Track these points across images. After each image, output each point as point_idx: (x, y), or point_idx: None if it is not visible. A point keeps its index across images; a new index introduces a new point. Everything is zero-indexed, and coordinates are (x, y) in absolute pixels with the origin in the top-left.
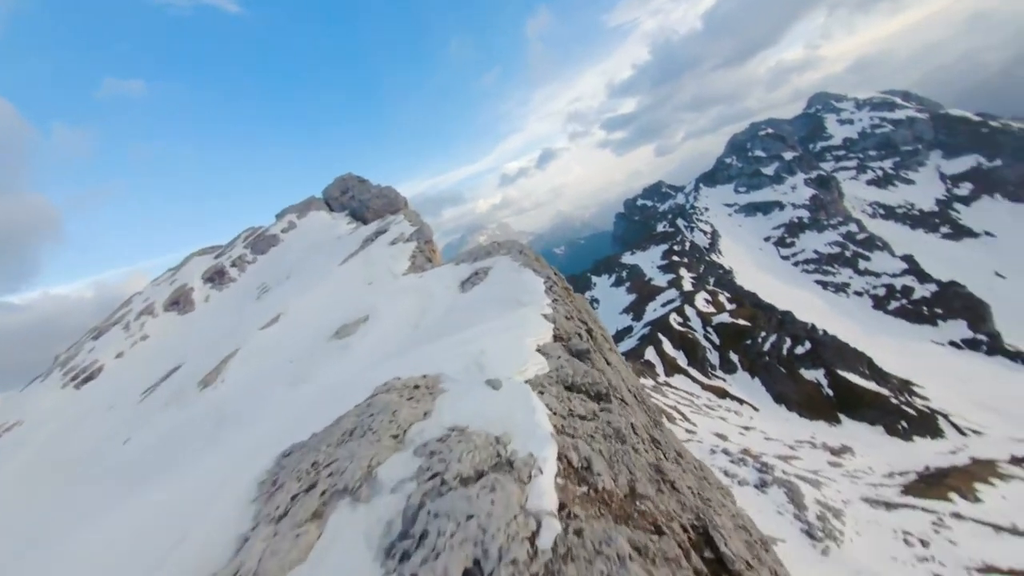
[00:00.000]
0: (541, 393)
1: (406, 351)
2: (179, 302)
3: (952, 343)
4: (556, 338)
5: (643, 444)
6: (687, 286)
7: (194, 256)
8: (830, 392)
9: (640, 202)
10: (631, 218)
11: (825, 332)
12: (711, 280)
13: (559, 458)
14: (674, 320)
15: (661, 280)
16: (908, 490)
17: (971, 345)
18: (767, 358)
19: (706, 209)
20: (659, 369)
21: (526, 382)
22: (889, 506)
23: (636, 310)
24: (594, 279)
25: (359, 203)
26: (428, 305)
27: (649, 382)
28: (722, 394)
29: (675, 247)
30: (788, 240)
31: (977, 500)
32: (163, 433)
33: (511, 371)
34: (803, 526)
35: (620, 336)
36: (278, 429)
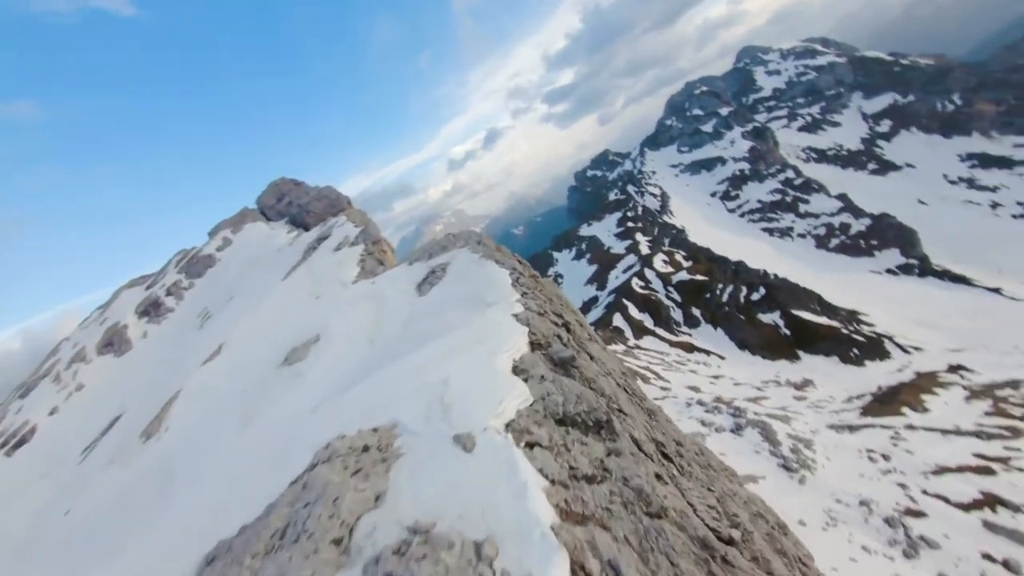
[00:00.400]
0: (530, 447)
1: (361, 378)
2: (113, 343)
3: (888, 270)
4: (534, 346)
5: (654, 458)
6: (644, 250)
7: (124, 290)
8: (787, 332)
9: (590, 173)
10: (583, 190)
11: (776, 276)
12: (666, 241)
13: (573, 573)
14: (636, 284)
15: (619, 247)
16: (866, 411)
17: (905, 270)
18: (726, 308)
19: (653, 173)
20: (628, 334)
21: (507, 427)
22: (852, 429)
23: (599, 280)
24: (555, 255)
25: (298, 208)
26: (384, 315)
27: (620, 347)
28: (689, 348)
29: (628, 213)
30: (732, 193)
31: (925, 410)
32: (106, 499)
33: (485, 415)
34: (779, 461)
35: (587, 307)
36: (216, 500)
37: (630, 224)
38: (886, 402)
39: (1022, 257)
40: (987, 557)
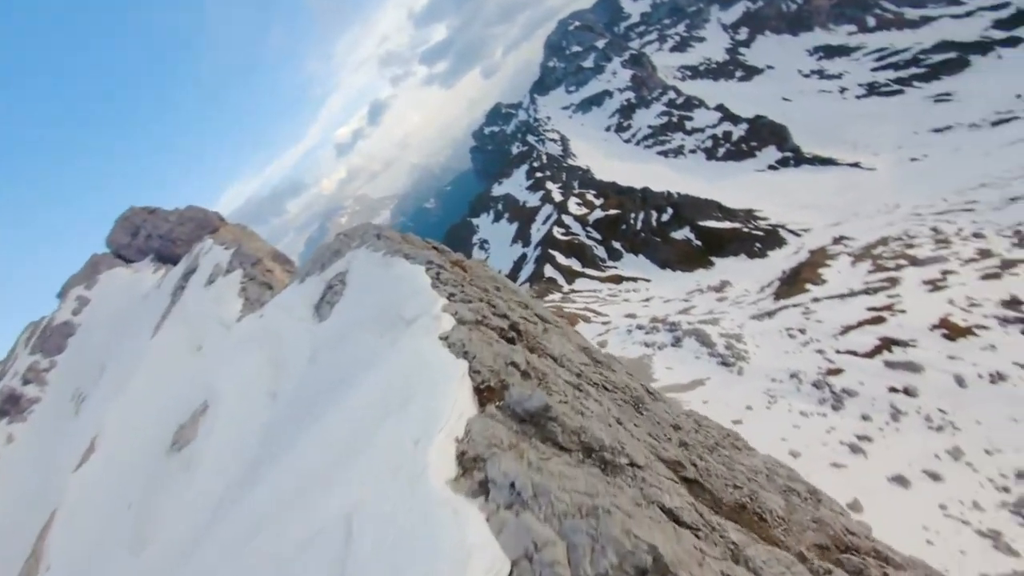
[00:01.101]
0: None
1: (266, 459)
2: None
3: (770, 166)
4: (482, 394)
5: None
6: (557, 197)
7: None
8: (698, 243)
9: (487, 130)
10: (484, 149)
11: (679, 194)
12: (575, 184)
13: None
14: (557, 233)
15: (534, 200)
16: (778, 295)
17: (783, 163)
18: (642, 235)
19: (548, 118)
20: (561, 281)
21: None
22: (769, 314)
23: (523, 236)
24: (475, 222)
25: (161, 240)
26: (282, 355)
27: (557, 295)
28: (618, 280)
29: (534, 164)
30: (624, 124)
31: (823, 282)
32: None
33: None
34: (718, 360)
35: (518, 265)
36: None
37: (538, 175)
38: (791, 283)
39: (868, 131)
40: (892, 390)
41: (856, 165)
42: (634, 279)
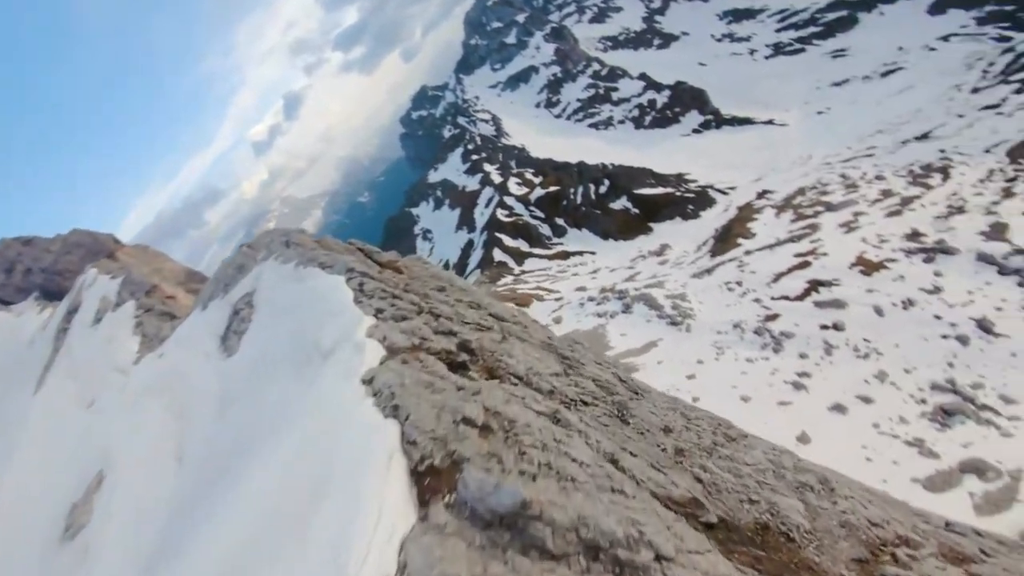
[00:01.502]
0: None
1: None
2: None
3: (694, 130)
4: (425, 486)
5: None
6: (496, 179)
7: None
8: (636, 211)
9: (415, 115)
10: (415, 134)
11: (613, 165)
12: (513, 164)
13: None
14: (501, 215)
15: (473, 184)
16: (714, 252)
17: (705, 126)
18: (583, 208)
19: (477, 98)
20: (511, 264)
21: None
22: (708, 271)
23: (467, 222)
24: (415, 212)
25: (44, 274)
26: (187, 404)
27: (509, 279)
28: (565, 256)
29: (469, 147)
30: (553, 99)
31: (752, 235)
32: None
33: None
34: (667, 320)
35: (466, 253)
36: None
37: (474, 157)
38: (724, 240)
39: (778, 89)
40: (823, 327)
41: (770, 122)
42: (580, 253)
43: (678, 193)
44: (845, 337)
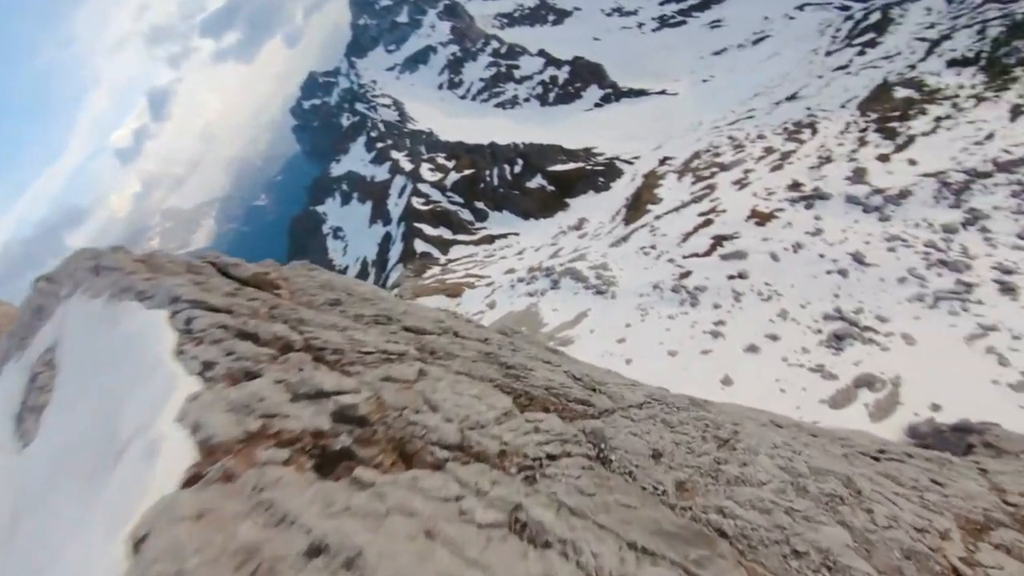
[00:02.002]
0: None
1: None
2: None
3: (595, 104)
4: None
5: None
6: (407, 166)
7: None
8: (552, 188)
9: (307, 104)
10: (310, 126)
11: (525, 144)
12: (422, 149)
13: None
14: (417, 204)
15: (382, 174)
16: (627, 221)
17: (605, 100)
18: (501, 190)
19: (374, 83)
20: (436, 254)
21: None
22: (624, 239)
23: (381, 215)
24: (320, 210)
25: None
26: None
27: (436, 270)
28: (490, 240)
29: (372, 134)
30: (456, 80)
31: (659, 200)
32: None
33: None
34: (593, 290)
35: (385, 247)
36: None
37: (379, 145)
38: (635, 208)
39: (666, 60)
40: (730, 277)
41: (663, 92)
42: (504, 235)
43: (588, 167)
44: (749, 284)
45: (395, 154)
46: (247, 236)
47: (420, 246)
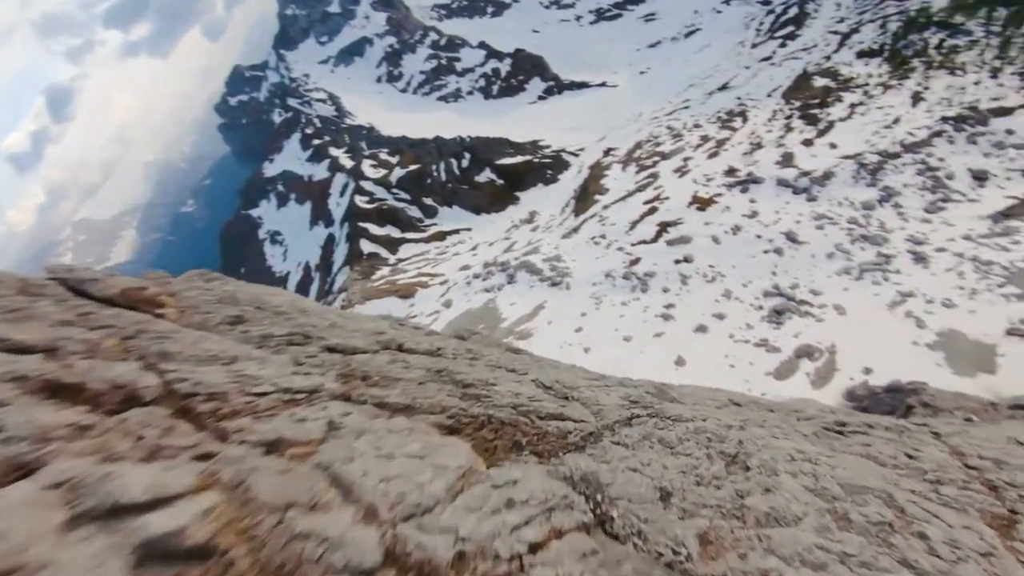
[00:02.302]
0: None
1: None
2: None
3: (539, 97)
4: None
5: None
6: (347, 163)
7: None
8: (501, 181)
9: (233, 100)
10: (237, 124)
11: (471, 137)
12: (363, 145)
13: None
14: (361, 202)
15: (320, 172)
16: (576, 212)
17: (548, 92)
18: (449, 185)
19: (307, 76)
20: (384, 254)
21: None
22: (575, 230)
23: (322, 215)
24: (255, 214)
25: None
26: None
27: (385, 271)
28: (442, 237)
29: (307, 131)
30: (395, 72)
31: (606, 191)
32: None
33: None
34: (548, 282)
35: (329, 249)
36: None
37: (316, 142)
38: (583, 199)
39: (605, 52)
40: (676, 262)
41: (604, 84)
42: (456, 231)
43: (536, 160)
44: (695, 267)
45: (334, 151)
46: (174, 246)
47: (367, 247)
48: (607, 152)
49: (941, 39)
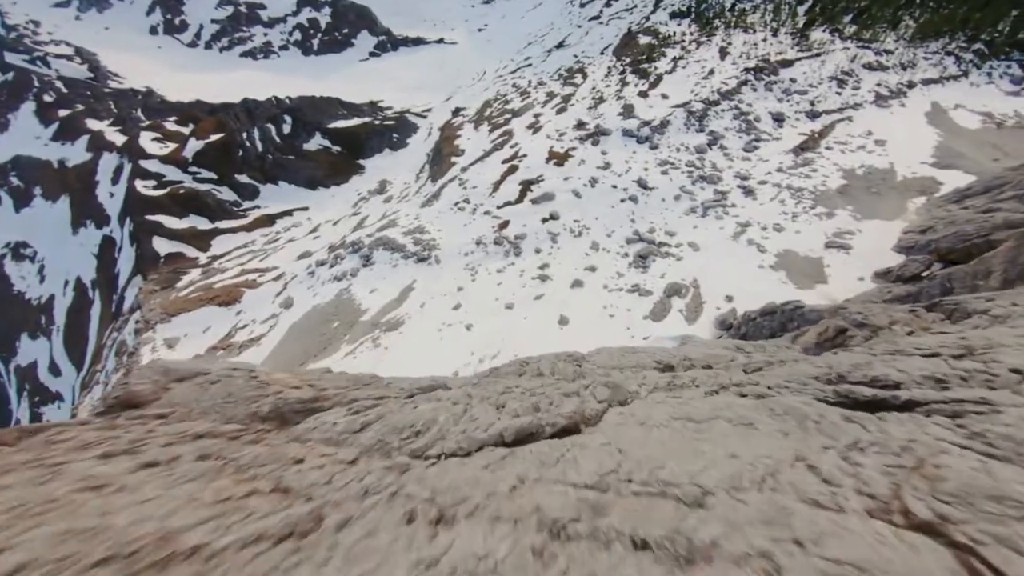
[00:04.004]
0: None
1: None
2: None
3: (371, 53)
4: None
5: None
6: (116, 139)
7: None
8: (338, 148)
9: None
10: None
11: (289, 99)
12: (138, 113)
13: None
14: (143, 187)
15: (76, 154)
16: (433, 177)
17: (380, 48)
18: (269, 156)
19: (34, 24)
20: (190, 252)
21: None
22: (436, 196)
23: (89, 212)
24: None
25: None
26: None
27: (195, 273)
28: (269, 221)
29: (46, 99)
30: (176, 22)
31: (462, 152)
32: None
33: None
34: (413, 259)
35: (109, 259)
36: None
37: (63, 114)
38: (438, 162)
39: (438, 7)
40: (544, 220)
41: (441, 41)
42: (289, 212)
43: (377, 122)
44: (562, 223)
45: (94, 124)
46: None
47: (163, 246)
48: (456, 112)
49: (733, 2)
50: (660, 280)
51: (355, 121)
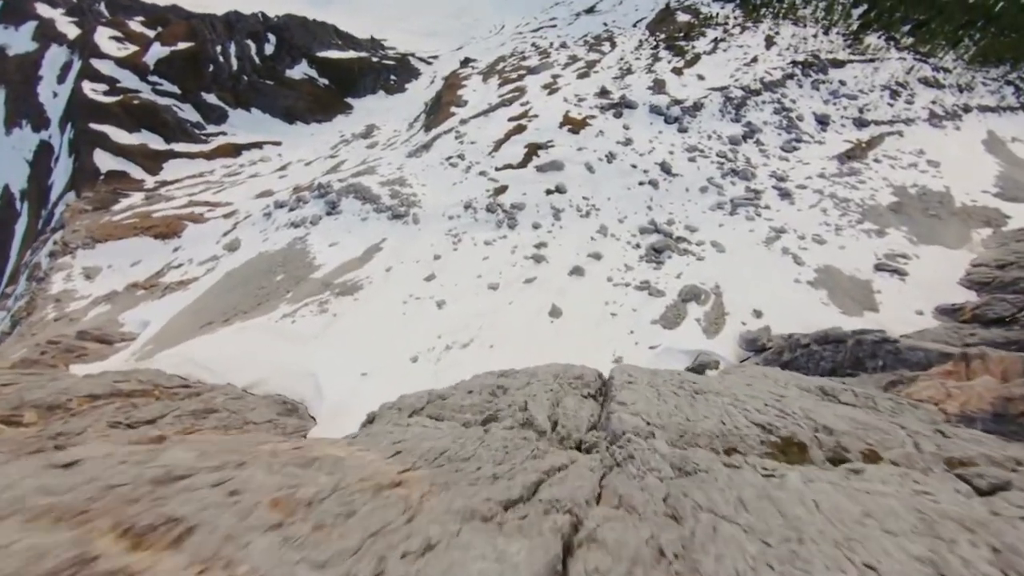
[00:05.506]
0: None
1: None
2: None
3: None
4: None
5: None
6: (69, 31)
7: None
8: (325, 81)
9: None
10: None
11: (277, 17)
12: (100, 7)
13: None
14: (93, 91)
15: (20, 41)
16: (428, 127)
17: None
18: (245, 77)
19: None
20: (137, 174)
21: None
22: (426, 147)
23: (26, 110)
24: None
25: None
26: None
27: (136, 198)
28: (235, 151)
29: None
30: None
31: (465, 103)
32: None
33: None
34: (388, 214)
35: (42, 169)
36: None
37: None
38: (437, 111)
39: None
40: (548, 192)
41: None
42: (258, 144)
43: (375, 59)
44: (568, 199)
45: (44, 9)
46: None
47: (106, 161)
48: (465, 63)
49: None
50: (676, 280)
51: (350, 54)
